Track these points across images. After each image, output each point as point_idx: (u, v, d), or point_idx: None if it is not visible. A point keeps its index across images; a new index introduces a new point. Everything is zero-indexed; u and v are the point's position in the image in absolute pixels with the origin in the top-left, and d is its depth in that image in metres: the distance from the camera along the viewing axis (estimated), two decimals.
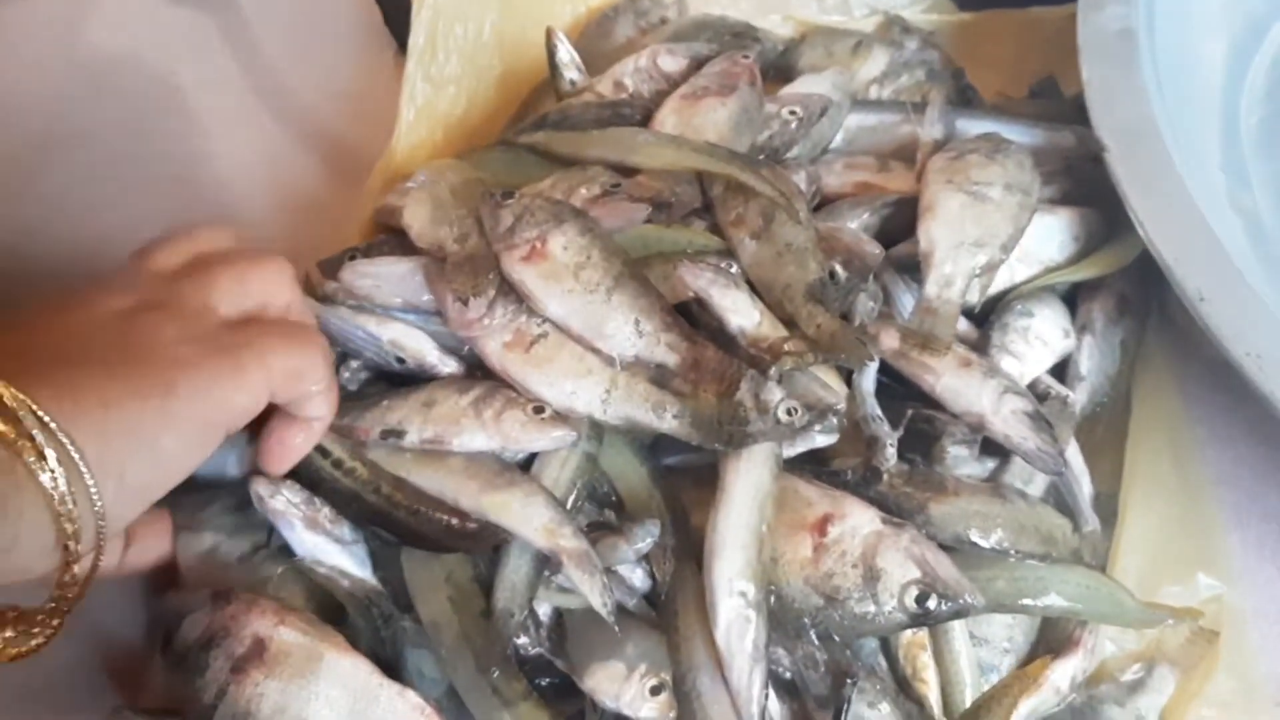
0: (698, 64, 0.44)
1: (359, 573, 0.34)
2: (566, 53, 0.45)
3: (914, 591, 0.31)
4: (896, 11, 0.52)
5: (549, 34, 0.45)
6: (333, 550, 0.33)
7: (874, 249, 0.37)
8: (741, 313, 0.33)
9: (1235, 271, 0.35)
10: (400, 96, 0.44)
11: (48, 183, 0.49)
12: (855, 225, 0.40)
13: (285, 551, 0.33)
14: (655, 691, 0.31)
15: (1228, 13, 0.49)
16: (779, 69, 0.50)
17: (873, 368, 0.36)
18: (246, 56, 0.55)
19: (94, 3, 0.56)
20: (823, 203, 0.43)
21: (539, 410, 0.33)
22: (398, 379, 0.37)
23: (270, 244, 0.42)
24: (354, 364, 0.37)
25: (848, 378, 0.36)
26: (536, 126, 0.43)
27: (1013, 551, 0.33)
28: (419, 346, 0.36)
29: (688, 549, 0.33)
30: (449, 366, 0.36)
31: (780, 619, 0.32)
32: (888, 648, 0.34)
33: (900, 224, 0.40)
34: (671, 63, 0.44)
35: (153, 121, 0.53)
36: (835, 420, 0.34)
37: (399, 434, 0.34)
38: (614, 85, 0.44)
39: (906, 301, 0.39)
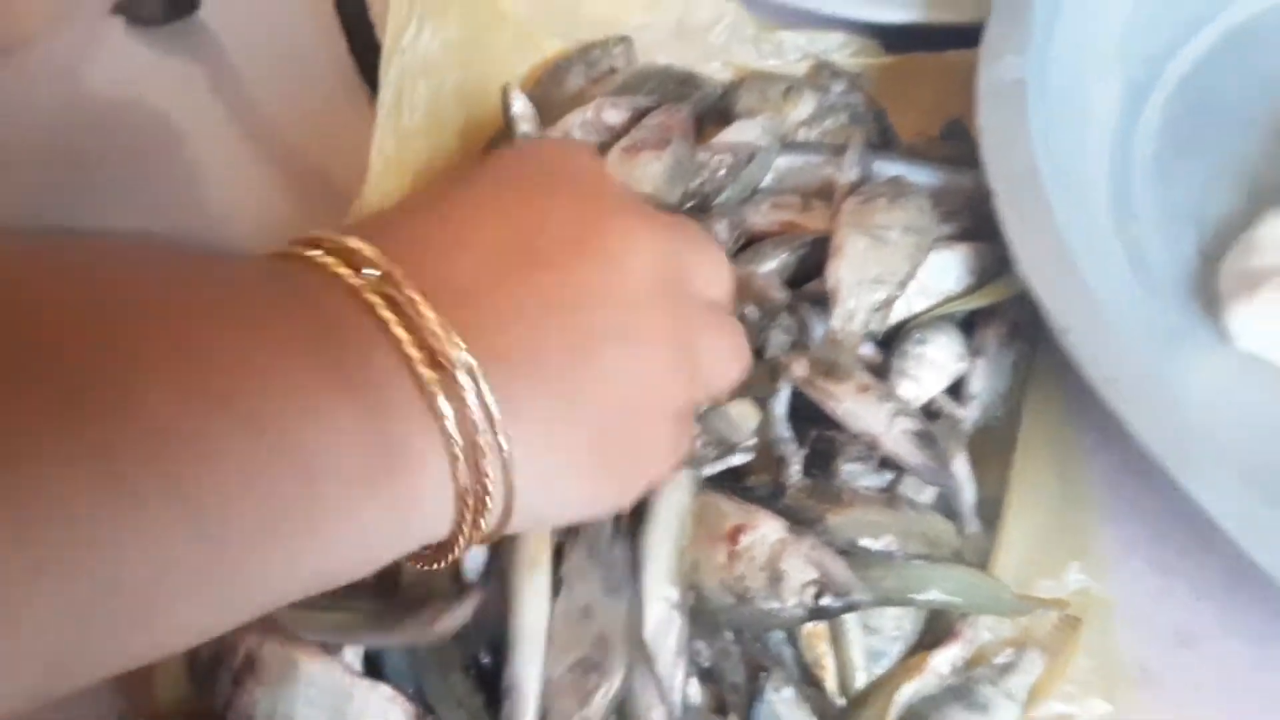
0: (639, 115, 0.49)
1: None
2: (521, 106, 0.50)
3: (812, 590, 0.36)
4: (827, 55, 0.57)
5: (504, 90, 0.50)
6: None
7: (780, 294, 0.42)
8: None
9: (1097, 306, 0.40)
10: (371, 147, 0.50)
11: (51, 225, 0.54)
12: (776, 263, 0.45)
13: None
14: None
15: (1122, 54, 0.54)
16: (720, 111, 0.55)
17: (784, 394, 0.41)
18: (235, 103, 0.60)
19: (94, 53, 0.61)
20: (750, 241, 0.48)
21: None
22: None
23: None
24: None
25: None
26: None
27: (900, 553, 0.38)
28: None
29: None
30: None
31: (700, 617, 0.37)
32: (793, 639, 0.39)
33: (817, 261, 0.45)
34: (614, 115, 0.49)
35: (151, 166, 0.58)
36: (748, 445, 0.39)
37: None
38: (563, 136, 0.49)
39: (820, 332, 0.44)
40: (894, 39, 0.57)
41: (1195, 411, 0.44)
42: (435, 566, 0.27)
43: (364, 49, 0.57)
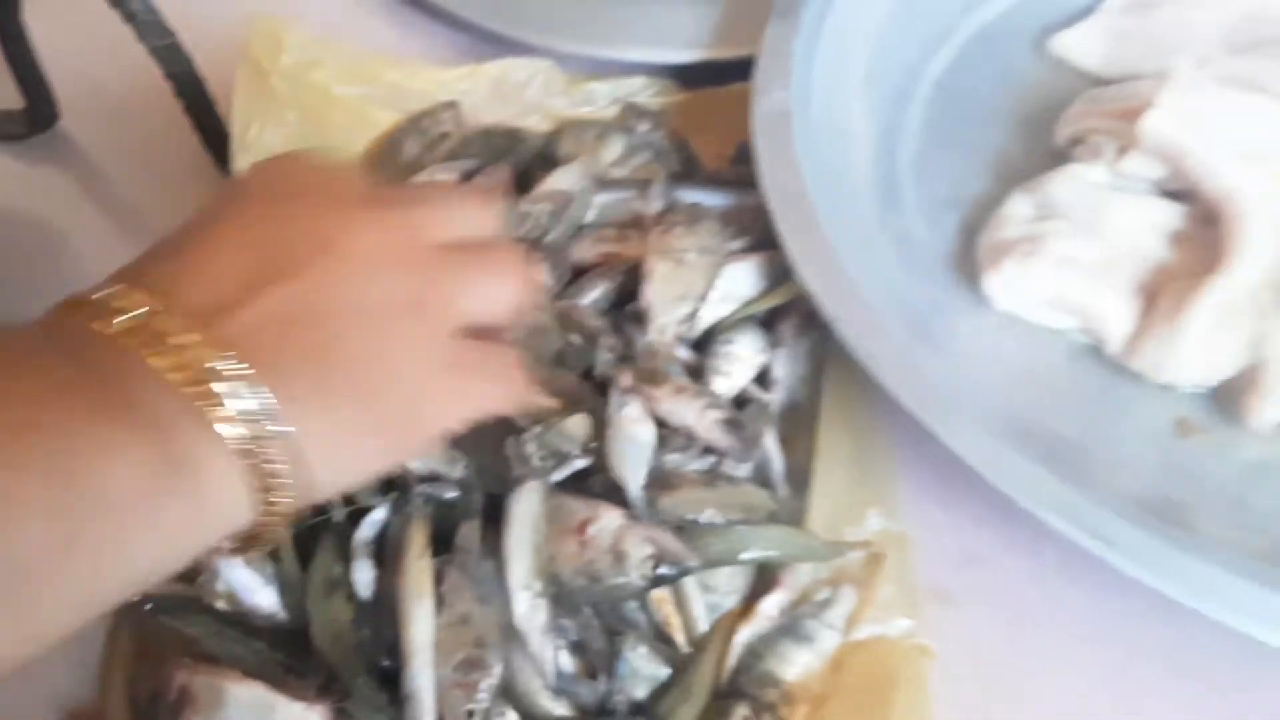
0: (468, 177, 0.56)
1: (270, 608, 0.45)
2: None
3: (650, 563, 0.44)
4: (633, 98, 0.65)
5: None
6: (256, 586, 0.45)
7: (595, 321, 0.49)
8: None
9: (860, 295, 0.49)
10: None
11: None
12: (598, 292, 0.53)
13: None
14: None
15: (875, 75, 0.62)
16: (544, 158, 0.62)
17: (615, 401, 0.48)
18: (105, 201, 0.66)
19: None
20: (578, 273, 0.55)
21: None
22: None
23: None
24: None
25: None
26: None
27: (723, 522, 0.46)
28: None
29: None
30: None
31: (562, 599, 0.44)
32: (644, 605, 0.46)
33: (635, 284, 0.53)
34: (446, 180, 0.56)
35: (37, 267, 0.63)
36: (588, 450, 0.46)
37: None
38: None
39: (642, 344, 0.51)
40: (688, 77, 0.65)
41: (963, 366, 0.53)
42: (253, 550, 0.31)
43: (215, 139, 0.62)
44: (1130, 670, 0.46)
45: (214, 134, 0.61)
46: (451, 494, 0.46)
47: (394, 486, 0.46)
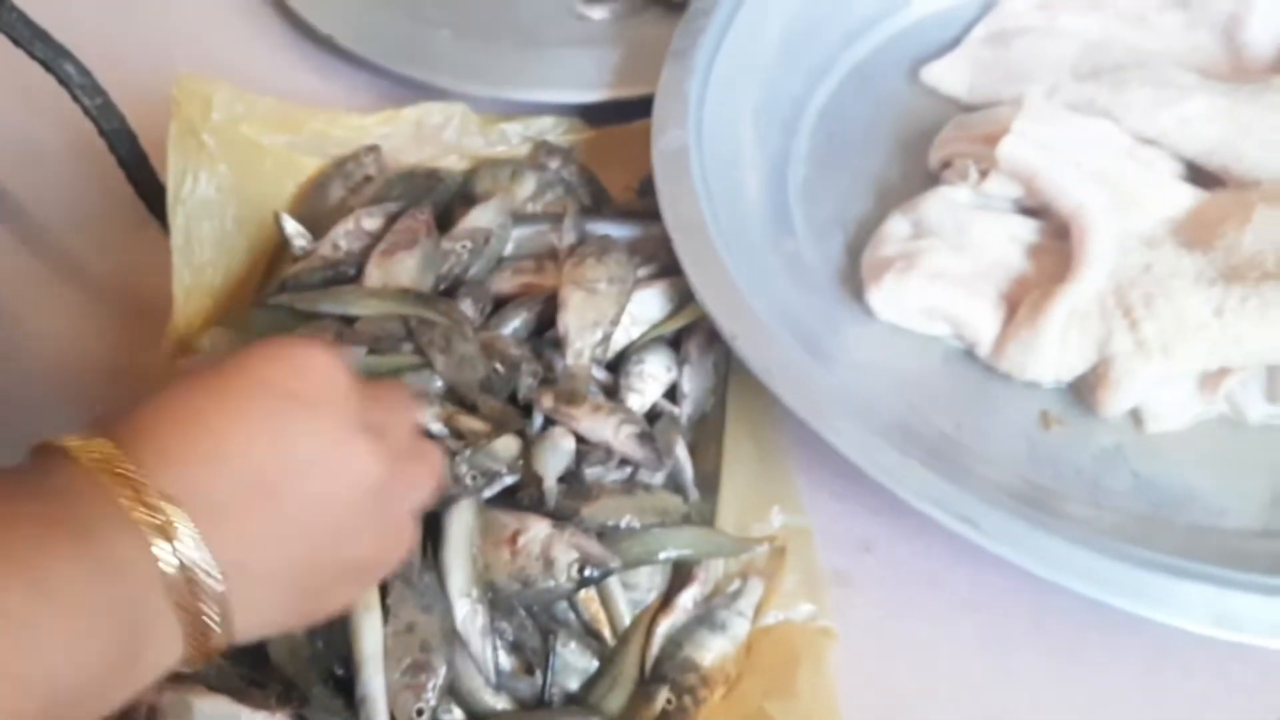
0: (392, 219, 0.61)
1: None
2: (292, 227, 0.61)
3: (576, 567, 0.48)
4: (544, 136, 0.69)
5: (276, 216, 0.60)
6: None
7: (517, 351, 0.54)
8: (430, 419, 0.50)
9: (755, 315, 0.54)
10: (172, 280, 0.59)
11: None
12: (518, 322, 0.58)
13: None
14: None
15: (763, 110, 0.68)
16: (463, 197, 0.66)
17: (538, 420, 0.53)
18: (45, 254, 0.69)
19: None
20: (500, 303, 0.60)
21: None
22: None
23: (88, 406, 0.57)
24: None
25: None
26: (280, 289, 0.58)
27: (639, 525, 0.51)
28: None
29: None
30: None
31: (499, 604, 0.49)
32: (574, 605, 0.51)
33: (552, 312, 0.58)
34: (371, 223, 0.60)
35: None
36: (515, 469, 0.51)
37: None
38: (332, 247, 0.60)
39: (561, 368, 0.56)
40: (594, 115, 0.71)
41: (851, 373, 0.59)
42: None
43: (149, 191, 0.65)
44: (1002, 635, 0.53)
45: (148, 186, 0.65)
46: None
47: None
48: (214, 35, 0.78)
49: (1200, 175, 0.63)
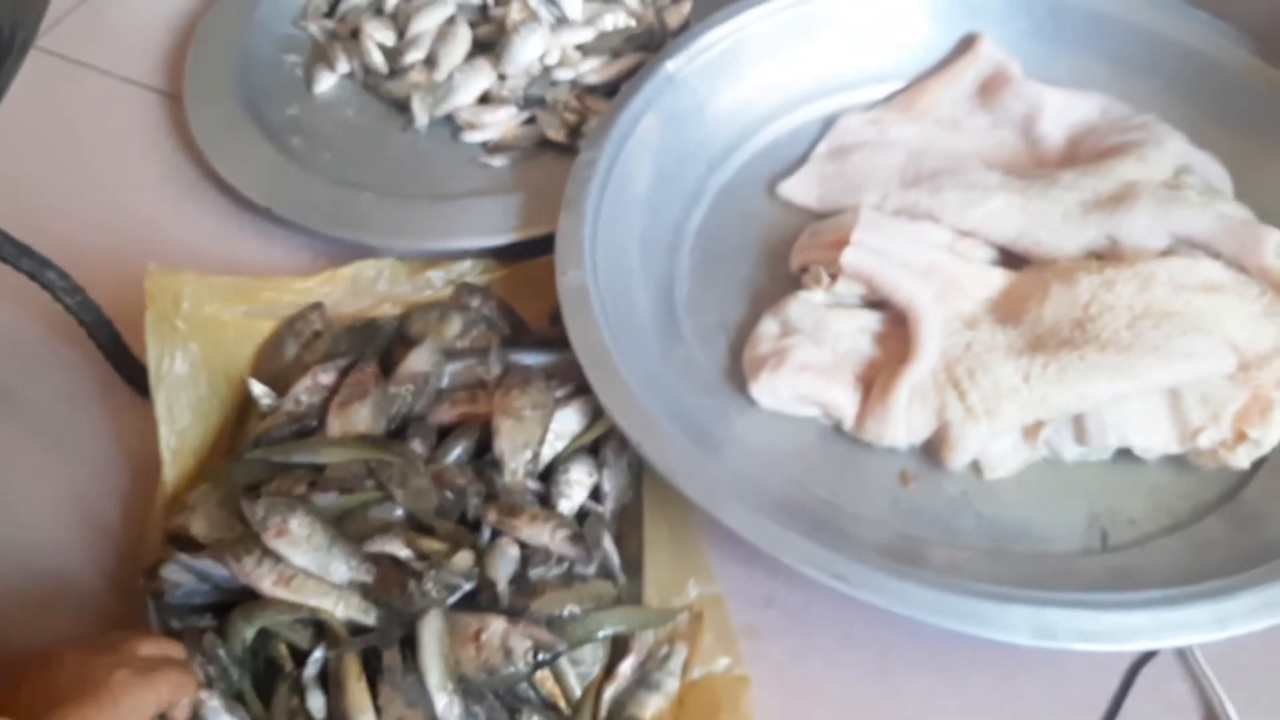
0: (344, 372, 0.71)
1: None
2: (259, 389, 0.71)
3: (531, 653, 0.59)
4: (464, 278, 0.81)
5: (244, 380, 0.71)
6: None
7: (462, 479, 0.65)
8: (395, 545, 0.61)
9: (653, 422, 0.65)
10: (159, 446, 0.69)
11: None
12: (461, 448, 0.68)
13: None
14: None
15: (652, 229, 0.80)
16: (400, 339, 0.77)
17: (486, 534, 0.64)
18: (30, 426, 0.78)
19: None
20: (443, 433, 0.71)
21: None
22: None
23: (89, 564, 0.66)
24: None
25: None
26: (255, 444, 0.68)
27: (579, 611, 0.62)
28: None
29: None
30: None
31: (470, 692, 0.59)
32: (533, 685, 0.61)
33: (489, 434, 0.69)
34: (326, 378, 0.71)
35: None
36: (471, 579, 0.62)
37: None
38: (295, 402, 0.70)
39: (500, 486, 0.67)
40: (506, 253, 0.82)
41: (741, 456, 0.71)
42: None
43: (127, 368, 0.75)
44: (887, 662, 0.65)
45: (126, 364, 0.75)
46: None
47: (324, 635, 0.60)
48: (167, 218, 0.88)
49: (1013, 256, 0.77)
